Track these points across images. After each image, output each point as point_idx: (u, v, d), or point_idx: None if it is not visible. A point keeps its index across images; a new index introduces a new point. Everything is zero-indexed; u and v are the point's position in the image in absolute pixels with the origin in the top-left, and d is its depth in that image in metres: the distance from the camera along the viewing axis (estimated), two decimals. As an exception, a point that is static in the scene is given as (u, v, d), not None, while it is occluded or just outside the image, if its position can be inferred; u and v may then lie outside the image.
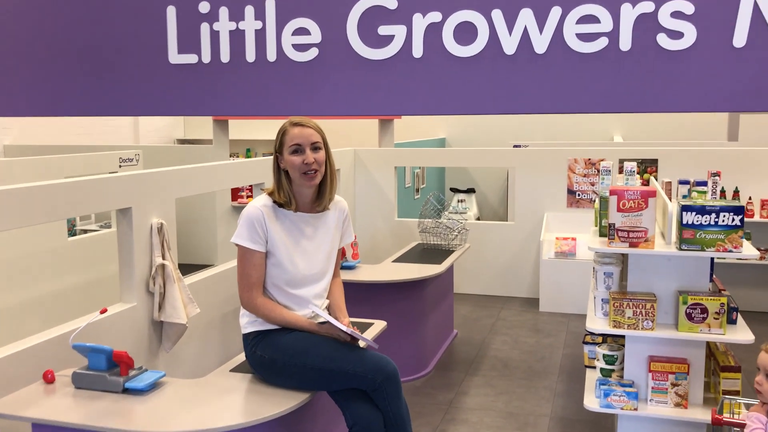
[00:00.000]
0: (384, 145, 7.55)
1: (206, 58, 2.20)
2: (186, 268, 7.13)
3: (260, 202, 2.69)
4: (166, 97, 2.27)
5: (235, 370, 2.82)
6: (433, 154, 7.06)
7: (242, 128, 10.49)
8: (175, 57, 2.24)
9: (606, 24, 1.87)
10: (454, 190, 10.49)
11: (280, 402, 2.47)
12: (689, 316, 3.05)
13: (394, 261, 4.87)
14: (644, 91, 1.87)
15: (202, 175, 4.26)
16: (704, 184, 4.01)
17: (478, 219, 10.14)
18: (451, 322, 5.42)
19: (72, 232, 6.81)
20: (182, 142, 11.44)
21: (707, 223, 2.98)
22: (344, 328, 2.55)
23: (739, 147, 6.72)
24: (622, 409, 3.15)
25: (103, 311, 2.81)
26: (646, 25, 1.85)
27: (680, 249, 3.02)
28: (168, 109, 2.28)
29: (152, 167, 4.17)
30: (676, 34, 1.83)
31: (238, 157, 10.35)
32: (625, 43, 1.87)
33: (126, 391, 2.53)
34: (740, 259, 4.53)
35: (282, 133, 2.71)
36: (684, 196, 3.92)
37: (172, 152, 8.20)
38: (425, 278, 4.41)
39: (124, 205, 3.58)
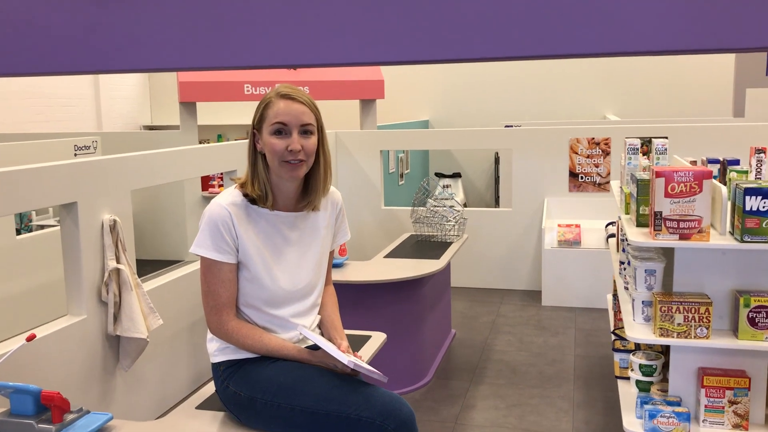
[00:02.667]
0: (366, 128, 6.98)
1: None
2: (153, 265, 6.54)
3: (227, 199, 2.10)
4: None
5: (202, 406, 2.24)
6: (423, 136, 6.50)
7: (214, 112, 9.84)
8: None
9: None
10: (439, 175, 9.95)
11: (261, 453, 1.92)
12: (752, 321, 2.54)
13: (386, 256, 4.31)
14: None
15: (163, 163, 3.66)
16: (736, 162, 3.51)
17: (465, 205, 9.62)
18: (449, 321, 4.89)
19: (28, 228, 6.16)
20: (150, 128, 10.75)
21: (776, 209, 2.46)
22: (343, 357, 1.98)
23: (746, 123, 6.24)
24: (671, 433, 2.64)
25: (30, 338, 2.21)
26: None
27: (742, 241, 2.49)
28: None
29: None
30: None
31: (208, 143, 9.70)
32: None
33: (60, 443, 1.95)
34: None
35: (264, 105, 2.10)
36: (714, 177, 3.41)
37: (135, 139, 7.54)
38: (424, 276, 3.86)
39: (67, 199, 2.99)
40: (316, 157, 2.14)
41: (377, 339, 2.79)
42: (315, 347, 2.08)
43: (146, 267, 5.94)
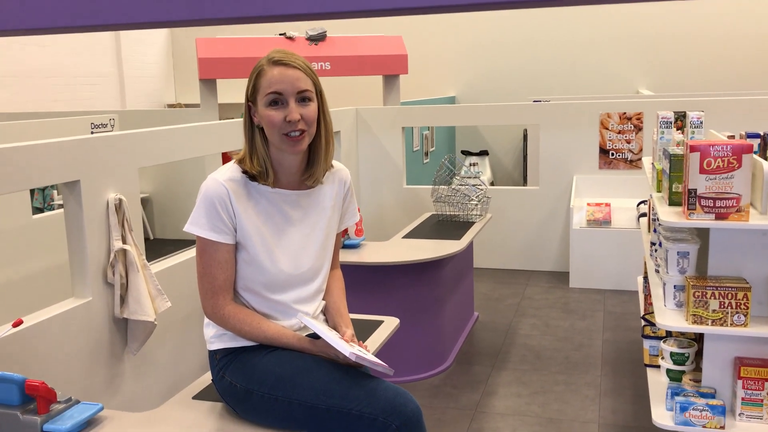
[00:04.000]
0: (389, 104, 6.79)
1: None
2: (176, 244, 6.46)
3: (225, 175, 1.95)
4: None
5: (199, 396, 2.12)
6: (446, 111, 6.29)
7: (239, 89, 9.71)
8: None
9: None
10: (466, 153, 9.73)
11: (257, 448, 1.79)
12: (795, 309, 2.34)
13: (405, 237, 4.15)
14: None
15: (172, 140, 3.53)
16: (778, 137, 3.27)
17: (492, 184, 9.40)
18: (472, 303, 4.72)
19: (51, 208, 6.13)
20: (174, 107, 10.68)
21: (823, 186, 2.24)
22: (345, 349, 1.83)
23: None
24: (704, 426, 2.45)
25: (17, 324, 2.10)
26: None
27: (785, 221, 2.29)
28: None
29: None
30: None
31: (232, 122, 9.59)
32: None
33: (46, 435, 1.84)
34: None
35: (256, 74, 1.93)
36: (754, 152, 3.18)
37: (154, 117, 7.45)
38: (443, 257, 3.70)
39: (69, 177, 2.87)
40: (317, 126, 1.98)
41: (389, 324, 2.64)
42: (316, 336, 1.94)
43: (168, 246, 5.85)
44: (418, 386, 3.71)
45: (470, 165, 9.52)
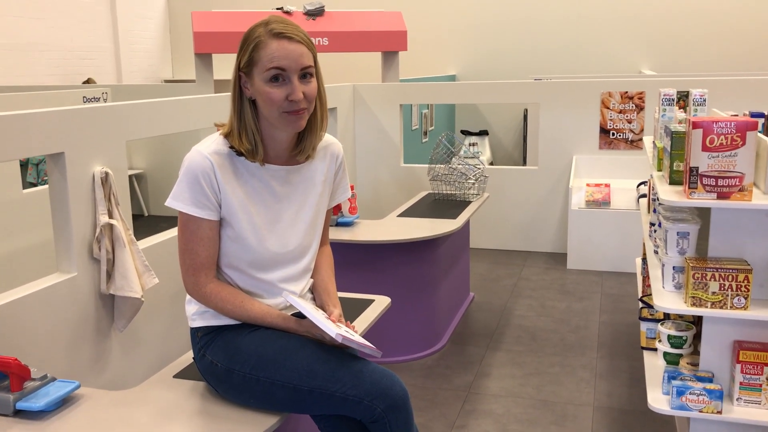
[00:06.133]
0: (388, 81, 6.68)
1: None
2: (170, 221, 6.40)
3: (210, 147, 1.85)
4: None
5: (180, 375, 2.05)
6: (444, 89, 6.18)
7: (234, 65, 9.60)
8: None
9: None
10: (466, 133, 9.64)
11: (238, 430, 1.72)
12: (797, 292, 2.27)
13: (400, 215, 4.08)
14: None
15: (162, 113, 3.44)
16: (783, 116, 3.18)
17: (492, 164, 9.31)
18: (467, 284, 4.66)
19: (45, 182, 6.05)
20: (171, 82, 10.56)
21: (830, 165, 2.17)
22: (331, 329, 1.75)
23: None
24: (701, 411, 2.39)
25: None
26: None
27: (789, 201, 2.21)
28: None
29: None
30: None
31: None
32: None
33: (20, 413, 1.78)
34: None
35: (254, 45, 1.80)
36: (759, 132, 3.10)
37: (148, 91, 7.35)
38: (438, 236, 3.62)
39: (53, 149, 2.79)
40: None
41: (380, 303, 2.57)
42: (302, 315, 1.87)
43: (163, 224, 5.78)
44: (412, 366, 3.66)
45: (470, 145, 9.43)
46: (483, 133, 9.62)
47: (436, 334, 3.91)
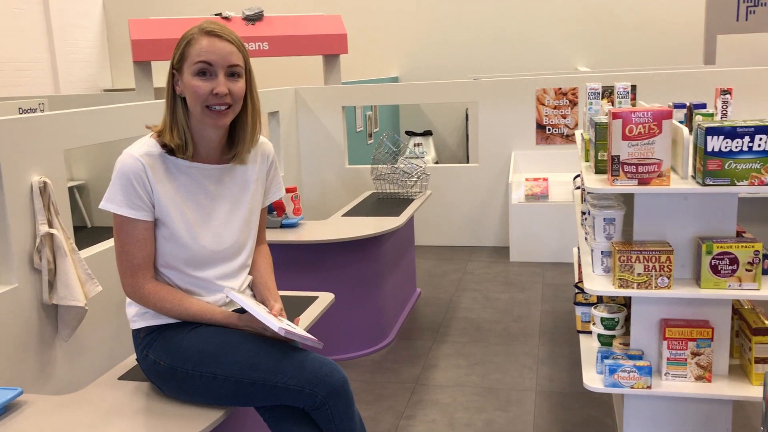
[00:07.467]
0: (331, 84, 6.74)
1: None
2: (111, 233, 6.33)
3: (140, 150, 1.89)
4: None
5: (125, 376, 2.08)
6: (386, 90, 6.28)
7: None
8: None
9: None
10: (410, 134, 9.75)
11: (184, 426, 1.76)
12: (714, 269, 2.41)
13: (345, 215, 4.15)
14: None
15: (100, 121, 3.44)
16: (703, 106, 3.36)
17: (437, 163, 9.45)
18: (414, 280, 4.75)
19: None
20: (111, 92, 10.40)
21: (738, 149, 2.31)
22: (273, 323, 1.81)
23: (720, 68, 6.09)
24: (632, 387, 2.52)
25: None
26: None
27: (704, 184, 2.35)
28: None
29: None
30: None
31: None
32: None
33: (-39, 422, 1.79)
34: None
35: (186, 43, 1.86)
36: (681, 122, 3.27)
37: (86, 101, 7.24)
38: (382, 234, 3.70)
39: (-12, 160, 2.77)
40: (243, 104, 1.94)
41: (324, 300, 2.63)
42: (243, 311, 1.91)
43: (106, 234, 5.68)
44: (360, 363, 3.72)
45: (415, 145, 9.55)
46: (427, 133, 9.75)
47: (384, 330, 3.98)
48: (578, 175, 5.07)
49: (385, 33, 10.06)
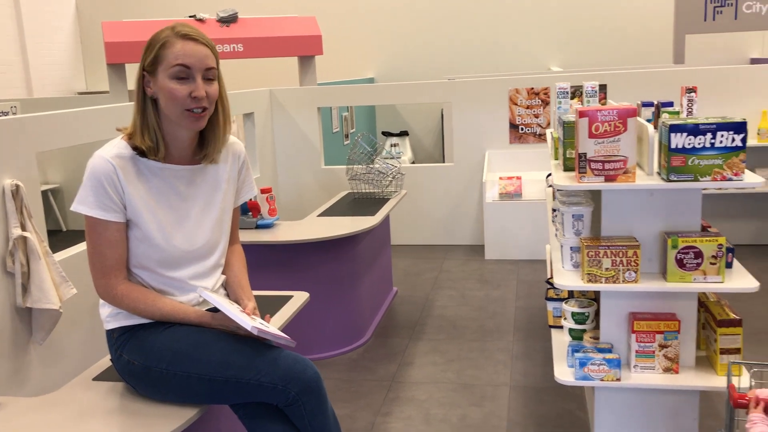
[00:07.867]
0: (306, 85, 6.75)
1: None
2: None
3: (111, 152, 1.90)
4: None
5: (100, 377, 2.09)
6: (360, 91, 6.31)
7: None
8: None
9: None
10: (387, 134, 9.79)
11: (158, 424, 1.78)
12: (680, 263, 2.48)
13: (320, 215, 4.17)
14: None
15: (72, 124, 3.43)
16: (669, 105, 3.43)
17: (413, 163, 9.49)
18: (390, 279, 4.79)
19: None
20: (85, 95, 10.32)
21: (701, 145, 2.38)
22: (246, 322, 1.83)
23: (688, 68, 6.20)
24: (602, 380, 2.58)
25: None
26: None
27: (668, 180, 2.41)
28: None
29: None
30: None
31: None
32: None
33: (-65, 424, 1.79)
34: (741, 188, 4.00)
35: (160, 45, 1.87)
36: (649, 120, 3.34)
37: (60, 104, 7.18)
38: (357, 233, 3.73)
39: (-41, 164, 2.76)
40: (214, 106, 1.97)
41: (299, 299, 2.65)
42: (216, 310, 1.93)
43: (81, 238, 5.67)
44: (336, 361, 3.75)
45: (391, 146, 9.59)
46: (403, 133, 9.80)
47: (360, 329, 4.01)
48: (550, 174, 5.15)
49: (360, 34, 10.09)
